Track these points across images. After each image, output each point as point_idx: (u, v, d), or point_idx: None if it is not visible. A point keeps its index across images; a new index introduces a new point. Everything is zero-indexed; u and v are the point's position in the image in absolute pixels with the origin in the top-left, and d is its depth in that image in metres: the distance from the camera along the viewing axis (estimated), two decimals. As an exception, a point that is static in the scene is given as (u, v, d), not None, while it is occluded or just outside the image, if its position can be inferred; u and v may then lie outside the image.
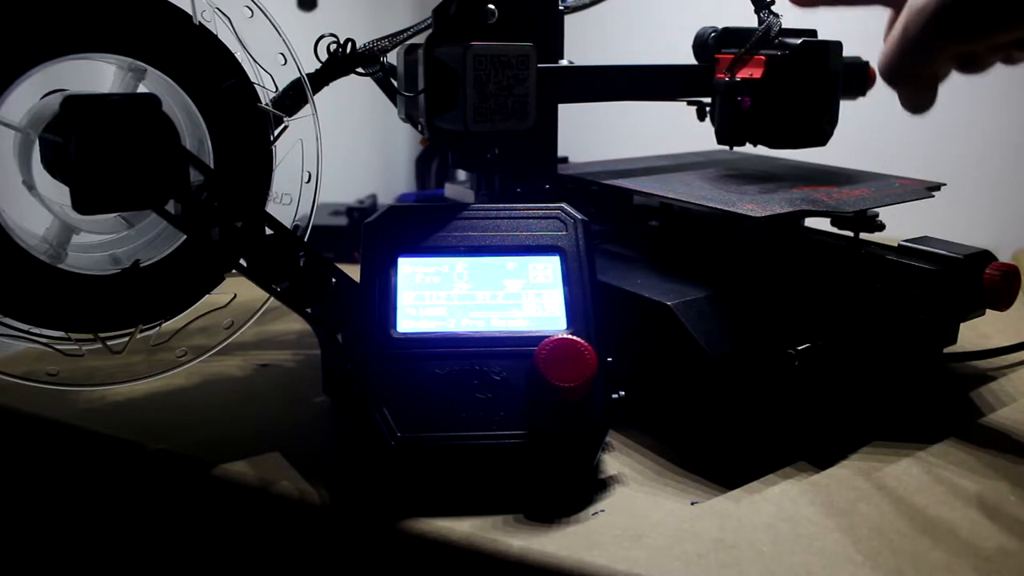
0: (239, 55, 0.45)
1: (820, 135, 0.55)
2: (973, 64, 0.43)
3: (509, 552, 0.36)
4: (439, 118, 0.50)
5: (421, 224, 0.44)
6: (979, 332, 0.60)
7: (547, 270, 0.43)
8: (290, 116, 0.48)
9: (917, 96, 0.43)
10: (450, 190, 0.62)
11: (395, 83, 0.53)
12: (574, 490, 0.40)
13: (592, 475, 0.42)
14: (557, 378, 0.37)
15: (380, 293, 0.42)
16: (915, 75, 0.41)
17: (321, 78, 0.50)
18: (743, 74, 0.55)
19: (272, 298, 0.43)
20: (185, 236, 0.43)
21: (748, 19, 0.56)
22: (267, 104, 0.46)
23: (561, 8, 0.55)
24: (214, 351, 0.48)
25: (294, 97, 0.48)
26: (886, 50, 0.41)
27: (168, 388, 0.52)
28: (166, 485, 0.45)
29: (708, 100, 0.59)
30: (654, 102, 0.60)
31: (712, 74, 0.57)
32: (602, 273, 0.46)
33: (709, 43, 0.58)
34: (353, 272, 0.44)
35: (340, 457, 0.44)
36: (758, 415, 0.44)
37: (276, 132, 0.47)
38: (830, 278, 0.49)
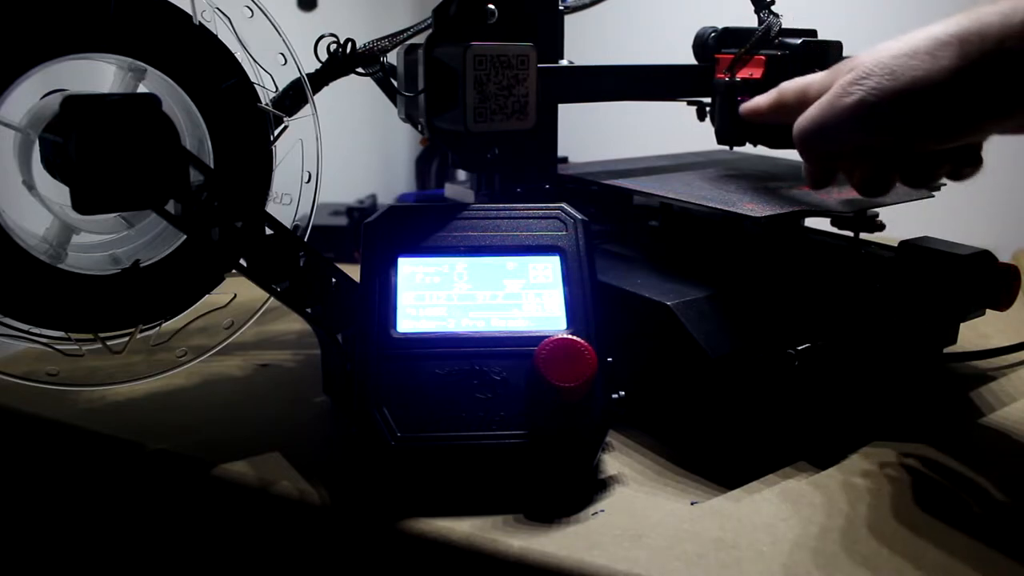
0: (239, 55, 0.45)
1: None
2: (914, 175, 0.43)
3: (509, 552, 0.36)
4: (439, 118, 0.50)
5: (421, 224, 0.44)
6: (979, 332, 0.60)
7: (547, 270, 0.43)
8: (290, 116, 0.48)
9: (816, 172, 0.44)
10: (450, 190, 0.62)
11: (395, 83, 0.53)
12: (574, 490, 0.40)
13: (592, 475, 0.42)
14: (557, 378, 0.37)
15: (380, 293, 0.42)
16: (822, 152, 0.42)
17: (321, 78, 0.50)
18: (743, 74, 0.55)
19: (272, 298, 0.43)
20: (185, 236, 0.43)
21: (748, 19, 0.56)
22: (267, 104, 0.46)
23: (561, 8, 0.55)
24: (214, 351, 0.48)
25: (294, 97, 0.48)
26: (803, 119, 0.42)
27: (168, 388, 0.52)
28: (166, 485, 0.45)
29: (708, 100, 0.59)
30: (654, 102, 0.60)
31: (712, 74, 0.57)
32: (602, 273, 0.46)
33: (709, 43, 0.58)
34: (353, 272, 0.44)
35: (340, 457, 0.44)
36: (758, 415, 0.44)
37: (276, 132, 0.47)
38: (830, 278, 0.49)
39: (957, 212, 0.77)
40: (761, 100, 0.48)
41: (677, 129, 0.67)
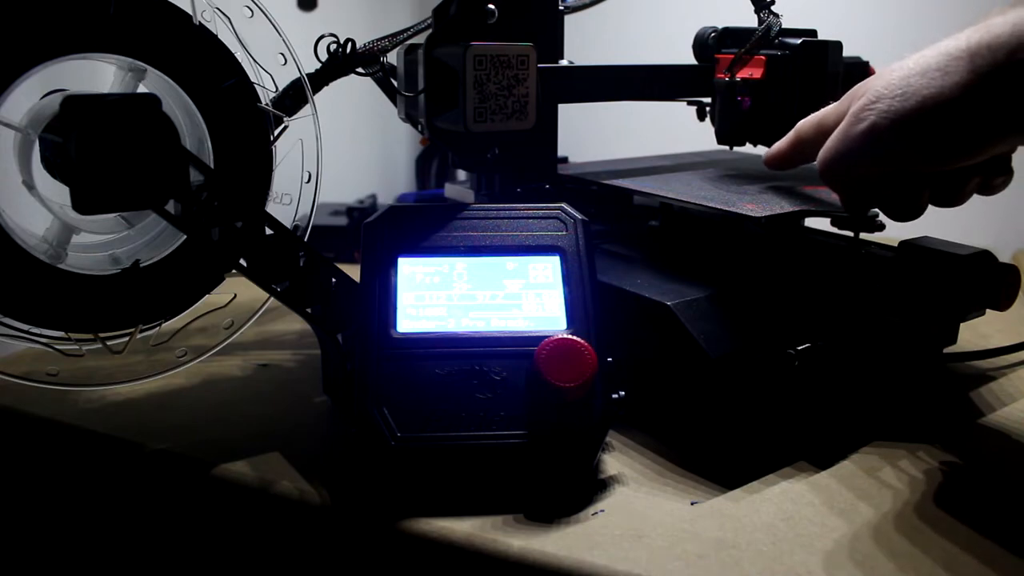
0: (239, 55, 0.45)
1: (820, 135, 0.55)
2: (943, 194, 0.42)
3: (509, 552, 0.36)
4: (439, 118, 0.50)
5: (421, 224, 0.44)
6: (979, 332, 0.60)
7: (547, 270, 0.43)
8: (290, 116, 0.48)
9: (849, 201, 0.44)
10: (450, 190, 0.62)
11: (395, 83, 0.53)
12: (574, 490, 0.40)
13: (592, 475, 0.42)
14: (557, 378, 0.37)
15: (380, 293, 0.42)
16: (846, 182, 0.42)
17: (321, 78, 0.50)
18: (743, 74, 0.55)
19: (272, 298, 0.43)
20: (185, 236, 0.43)
21: (748, 19, 0.56)
22: (267, 104, 0.46)
23: (561, 8, 0.55)
24: (214, 351, 0.48)
25: (294, 97, 0.48)
26: (823, 152, 0.42)
27: (168, 388, 0.52)
28: (166, 485, 0.45)
29: (708, 100, 0.59)
30: (654, 102, 0.60)
31: (712, 74, 0.57)
32: (602, 273, 0.46)
33: (709, 43, 0.58)
34: (353, 272, 0.44)
35: (340, 457, 0.44)
36: (758, 415, 0.44)
37: (276, 132, 0.47)
38: (830, 278, 0.49)
39: (957, 212, 0.77)
40: (781, 144, 0.48)
41: (677, 129, 0.67)
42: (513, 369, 0.40)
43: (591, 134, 0.93)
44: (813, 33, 0.56)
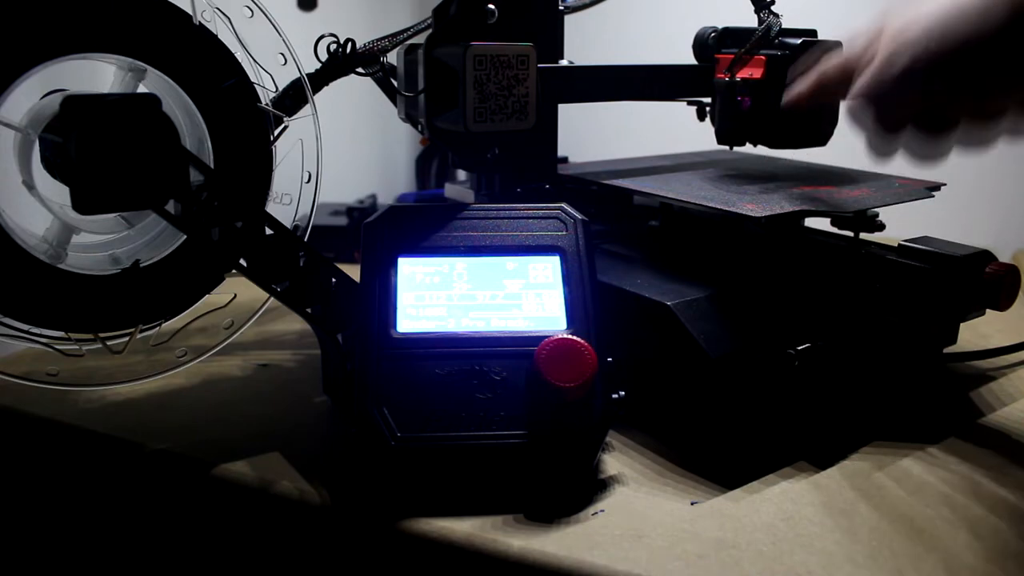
0: (239, 55, 0.45)
1: (820, 135, 0.55)
2: (974, 138, 0.41)
3: (509, 552, 0.36)
4: (439, 118, 0.50)
5: (421, 224, 0.44)
6: (979, 332, 0.60)
7: (547, 270, 0.43)
8: (290, 116, 0.48)
9: (877, 142, 0.43)
10: (450, 190, 0.62)
11: (395, 83, 0.53)
12: (574, 490, 0.40)
13: (592, 475, 0.42)
14: (557, 378, 0.37)
15: (380, 293, 0.42)
16: (876, 124, 0.41)
17: (321, 78, 0.50)
18: (743, 74, 0.55)
19: (272, 298, 0.43)
20: (185, 236, 0.43)
21: (748, 19, 0.56)
22: (267, 104, 0.46)
23: (561, 8, 0.55)
24: (214, 351, 0.48)
25: (294, 97, 0.48)
26: (854, 93, 0.41)
27: (168, 388, 0.52)
28: (166, 485, 0.45)
29: (708, 100, 0.59)
30: (654, 102, 0.60)
31: (712, 74, 0.57)
32: (602, 273, 0.46)
33: (709, 43, 0.58)
34: (353, 272, 0.44)
35: (340, 457, 0.44)
36: (758, 415, 0.44)
37: (276, 132, 0.47)
38: (830, 278, 0.49)
39: (957, 212, 0.77)
40: (802, 87, 0.47)
41: (677, 129, 0.67)
42: (513, 369, 0.40)
43: (591, 134, 0.93)
44: (813, 33, 0.56)
